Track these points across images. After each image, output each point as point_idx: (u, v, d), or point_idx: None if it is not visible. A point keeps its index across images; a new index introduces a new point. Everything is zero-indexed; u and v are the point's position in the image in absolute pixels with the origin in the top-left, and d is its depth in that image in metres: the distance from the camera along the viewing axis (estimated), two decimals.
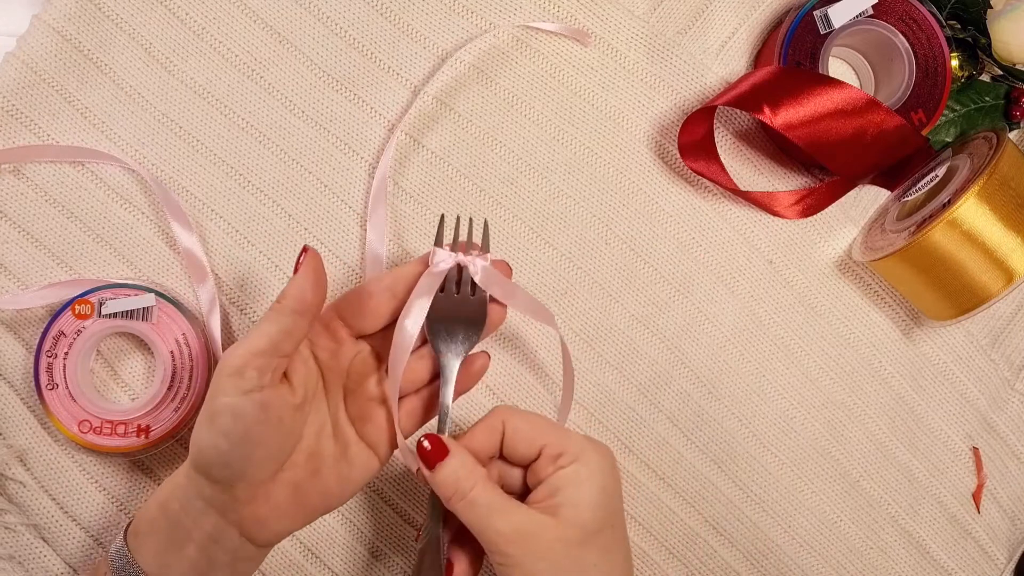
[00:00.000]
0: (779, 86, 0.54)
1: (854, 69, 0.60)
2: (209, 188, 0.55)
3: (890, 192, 0.59)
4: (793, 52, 0.55)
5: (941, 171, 0.55)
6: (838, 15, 0.55)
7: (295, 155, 0.56)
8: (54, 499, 0.52)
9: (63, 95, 0.55)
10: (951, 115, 0.60)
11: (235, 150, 0.56)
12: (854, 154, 0.55)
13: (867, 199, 0.60)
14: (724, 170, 0.58)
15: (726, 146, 0.59)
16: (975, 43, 0.59)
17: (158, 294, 0.52)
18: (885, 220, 0.57)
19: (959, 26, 0.59)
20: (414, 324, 0.44)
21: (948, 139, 0.59)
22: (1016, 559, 0.60)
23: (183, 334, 0.52)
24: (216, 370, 0.40)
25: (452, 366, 0.45)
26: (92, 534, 0.53)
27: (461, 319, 0.46)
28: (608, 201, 0.58)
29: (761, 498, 0.58)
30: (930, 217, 0.52)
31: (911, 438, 0.59)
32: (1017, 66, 0.60)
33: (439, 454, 0.42)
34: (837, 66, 0.60)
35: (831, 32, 0.55)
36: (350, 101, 0.57)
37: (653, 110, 0.59)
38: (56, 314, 0.51)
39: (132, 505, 0.53)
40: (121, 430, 0.51)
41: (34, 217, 0.54)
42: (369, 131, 0.57)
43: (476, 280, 0.46)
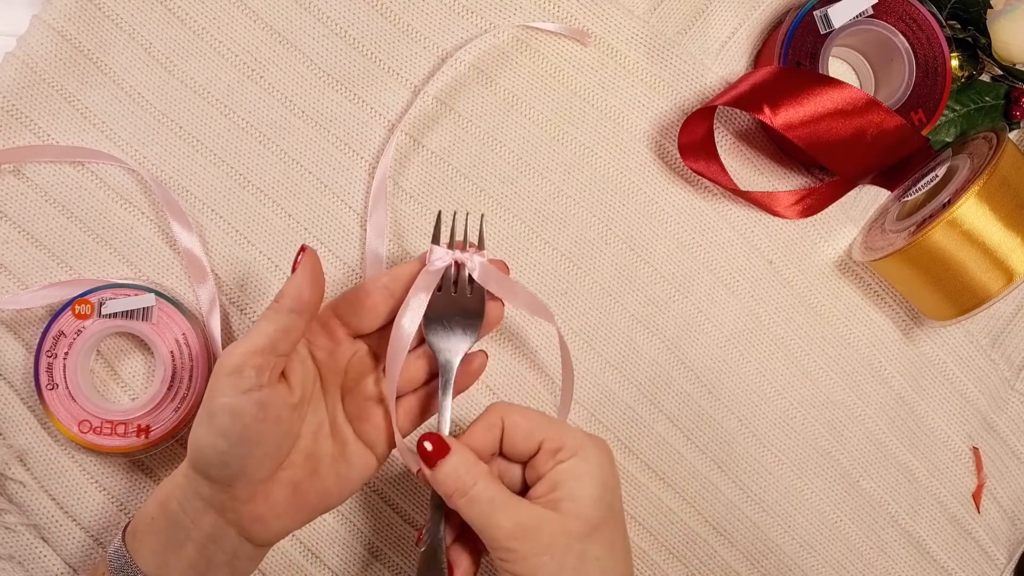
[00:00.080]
0: (779, 86, 0.54)
1: (854, 69, 0.60)
2: (209, 188, 0.55)
3: (890, 192, 0.59)
4: (793, 52, 0.55)
5: (941, 171, 0.55)
6: (838, 15, 0.55)
7: (295, 155, 0.56)
8: (54, 499, 0.52)
9: (63, 95, 0.55)
10: (951, 115, 0.59)
11: (235, 150, 0.56)
12: (854, 154, 0.55)
13: (867, 199, 0.60)
14: (724, 170, 0.58)
15: (726, 146, 0.59)
16: (975, 43, 0.59)
17: (158, 294, 0.52)
18: (885, 220, 0.57)
19: (959, 26, 0.59)
20: (411, 322, 0.44)
21: (948, 139, 0.59)
22: (1016, 559, 0.60)
23: (183, 334, 0.52)
24: (214, 369, 0.40)
25: (451, 365, 0.45)
26: (92, 534, 0.53)
27: (459, 318, 0.46)
28: (608, 201, 0.58)
29: (761, 498, 0.58)
30: (930, 217, 0.52)
31: (911, 438, 0.59)
32: (1017, 66, 0.60)
33: (440, 452, 0.42)
34: (837, 66, 0.60)
35: (831, 32, 0.55)
36: (350, 101, 0.57)
37: (653, 110, 0.59)
38: (56, 314, 0.51)
39: (132, 505, 0.53)
40: (121, 430, 0.51)
41: (34, 217, 0.54)
42: (369, 131, 0.57)
43: (474, 276, 0.46)
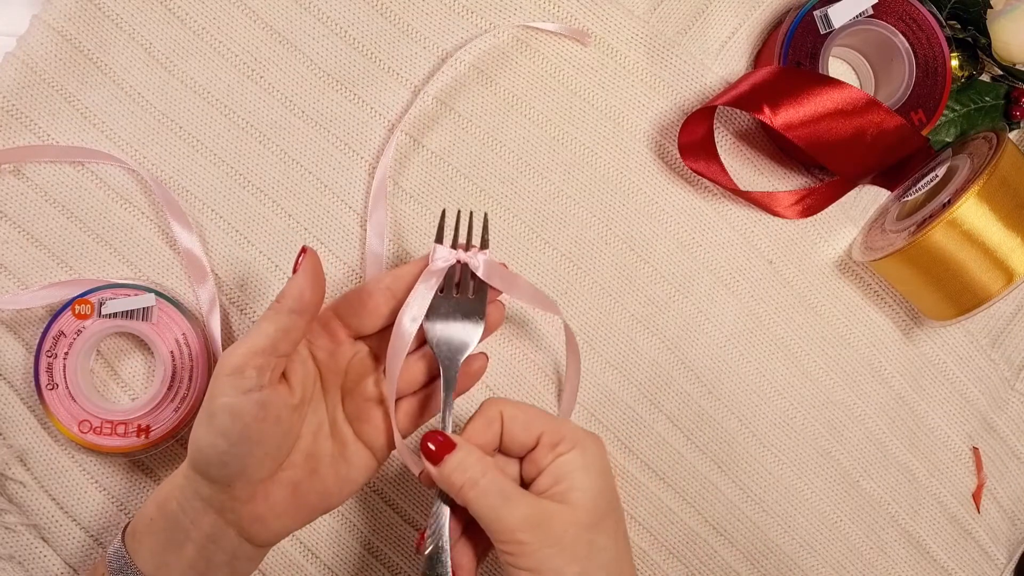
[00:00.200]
0: (779, 86, 0.54)
1: (854, 69, 0.60)
2: (209, 188, 0.55)
3: (890, 192, 0.59)
4: (793, 52, 0.55)
5: (941, 171, 0.55)
6: (838, 15, 0.55)
7: (295, 155, 0.56)
8: (54, 499, 0.52)
9: (63, 95, 0.55)
10: (951, 115, 0.59)
11: (235, 150, 0.56)
12: (854, 154, 0.55)
13: (867, 199, 0.60)
14: (724, 170, 0.58)
15: (726, 146, 0.59)
16: (975, 43, 0.59)
17: (158, 294, 0.52)
18: (885, 220, 0.57)
19: (959, 26, 0.59)
20: (412, 321, 0.45)
21: (948, 139, 0.59)
22: (1016, 559, 0.60)
23: (183, 334, 0.52)
24: (215, 370, 0.41)
25: (452, 367, 0.45)
26: (92, 534, 0.53)
27: (461, 318, 0.46)
28: (608, 201, 0.58)
29: (761, 498, 0.58)
30: (930, 217, 0.52)
31: (911, 438, 0.59)
32: (1017, 66, 0.60)
33: (445, 448, 0.41)
34: (837, 66, 0.60)
35: (831, 32, 0.55)
36: (350, 101, 0.57)
37: (653, 110, 0.59)
38: (56, 314, 0.51)
39: (132, 505, 0.53)
40: (121, 430, 0.51)
41: (34, 217, 0.54)
42: (369, 131, 0.57)
43: (478, 274, 0.46)
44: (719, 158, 0.58)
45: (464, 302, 0.46)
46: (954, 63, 0.59)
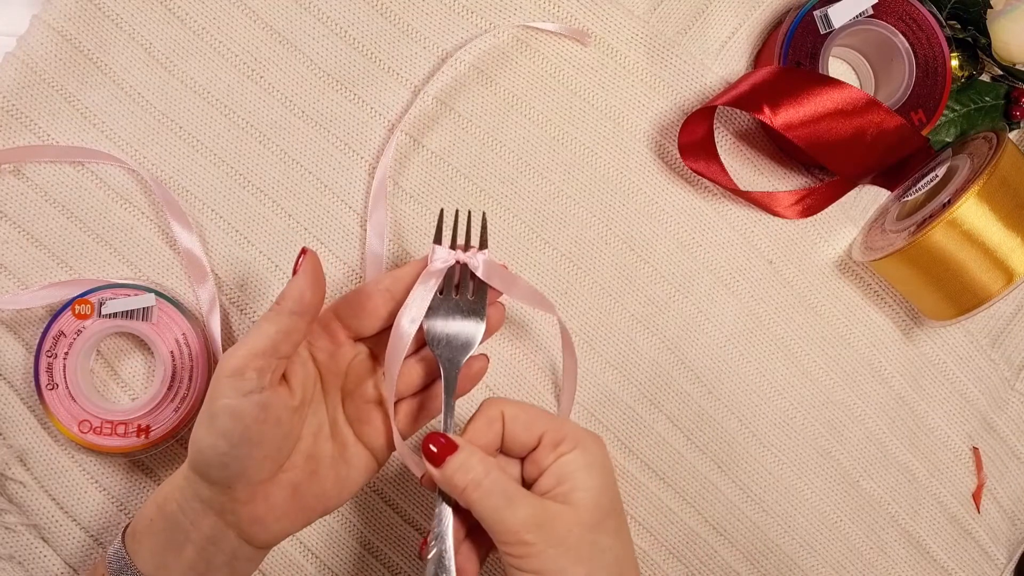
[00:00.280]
0: (779, 86, 0.54)
1: (854, 69, 0.60)
2: (209, 188, 0.55)
3: (890, 192, 0.59)
4: (793, 52, 0.55)
5: (941, 171, 0.55)
6: (838, 15, 0.55)
7: (295, 155, 0.56)
8: (54, 499, 0.52)
9: (63, 95, 0.55)
10: (951, 115, 0.59)
11: (235, 150, 0.56)
12: (854, 154, 0.55)
13: (867, 199, 0.60)
14: (724, 170, 0.58)
15: (726, 146, 0.59)
16: (975, 43, 0.59)
17: (158, 294, 0.52)
18: (885, 220, 0.57)
19: (959, 26, 0.59)
20: (411, 323, 0.44)
21: (948, 139, 0.59)
22: (1016, 559, 0.60)
23: (183, 334, 0.52)
24: (215, 372, 0.40)
25: (453, 369, 0.45)
26: (92, 534, 0.53)
27: (461, 320, 0.46)
28: (608, 201, 0.58)
29: (761, 498, 0.58)
30: (930, 217, 0.52)
31: (911, 438, 0.59)
32: (1017, 66, 0.60)
33: (448, 449, 0.41)
34: (837, 66, 0.60)
35: (831, 32, 0.55)
36: (350, 101, 0.57)
37: (653, 110, 0.59)
38: (56, 314, 0.51)
39: (132, 505, 0.53)
40: (121, 430, 0.51)
41: (34, 217, 0.54)
42: (369, 131, 0.57)
43: (478, 274, 0.46)
44: (719, 158, 0.58)
45: (464, 303, 0.46)
46: (954, 63, 0.59)
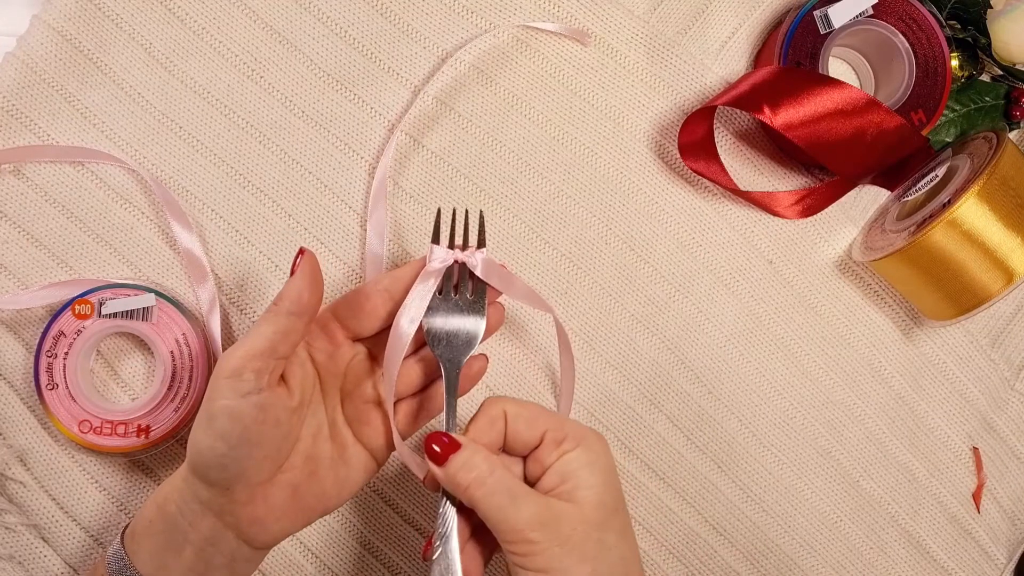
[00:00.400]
0: (779, 86, 0.54)
1: (854, 69, 0.60)
2: (209, 188, 0.55)
3: (890, 192, 0.59)
4: (793, 52, 0.55)
5: (941, 171, 0.55)
6: (838, 15, 0.55)
7: (295, 155, 0.56)
8: (54, 499, 0.52)
9: (63, 95, 0.55)
10: (951, 115, 0.59)
11: (235, 150, 0.56)
12: (854, 154, 0.55)
13: (867, 199, 0.60)
14: (724, 170, 0.58)
15: (726, 146, 0.59)
16: (975, 43, 0.59)
17: (158, 294, 0.52)
18: (885, 220, 0.57)
19: (959, 26, 0.59)
20: (410, 323, 0.44)
21: (948, 139, 0.59)
22: (1016, 559, 0.60)
23: (183, 334, 0.52)
24: (213, 373, 0.40)
25: (453, 369, 0.45)
26: (92, 534, 0.53)
27: (461, 319, 0.46)
28: (608, 201, 0.58)
29: (761, 498, 0.58)
30: (930, 217, 0.52)
31: (911, 438, 0.59)
32: (1017, 66, 0.60)
33: (450, 449, 0.40)
34: (837, 66, 0.60)
35: (831, 32, 0.55)
36: (350, 101, 0.57)
37: (653, 110, 0.59)
38: (56, 314, 0.51)
39: (132, 505, 0.53)
40: (121, 430, 0.51)
41: (34, 217, 0.54)
42: (369, 131, 0.57)
43: (477, 273, 0.46)
44: (719, 158, 0.58)
45: (464, 302, 0.46)
46: (954, 63, 0.59)
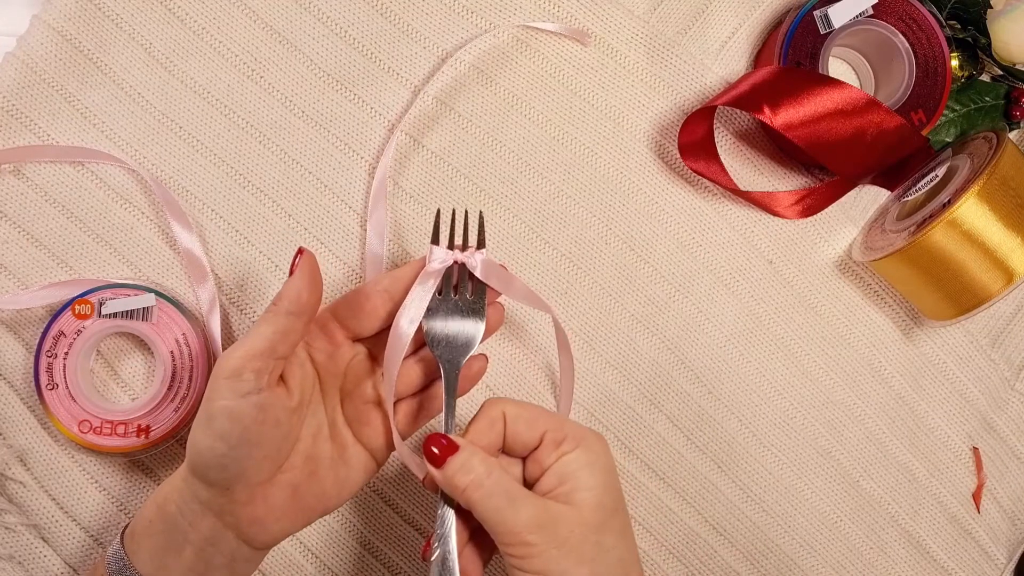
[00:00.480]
0: (779, 86, 0.54)
1: (854, 69, 0.60)
2: (209, 188, 0.55)
3: (890, 192, 0.59)
4: (793, 52, 0.55)
5: (941, 171, 0.55)
6: (838, 15, 0.55)
7: (295, 155, 0.56)
8: (54, 499, 0.52)
9: (63, 95, 0.55)
10: (951, 115, 0.59)
11: (235, 150, 0.56)
12: (854, 154, 0.55)
13: (867, 199, 0.60)
14: (724, 170, 0.58)
15: (726, 146, 0.59)
16: (975, 43, 0.59)
17: (158, 294, 0.52)
18: (885, 220, 0.57)
19: (959, 26, 0.59)
20: (410, 323, 0.44)
21: (948, 139, 0.59)
22: (1016, 559, 0.60)
23: (183, 334, 0.52)
24: (213, 373, 0.40)
25: (453, 369, 0.45)
26: (92, 534, 0.53)
27: (461, 320, 0.46)
28: (608, 201, 0.58)
29: (761, 498, 0.58)
30: (930, 217, 0.52)
31: (911, 438, 0.59)
32: (1017, 66, 0.60)
33: (448, 451, 0.40)
34: (837, 66, 0.60)
35: (831, 32, 0.55)
36: (350, 101, 0.57)
37: (653, 110, 0.59)
38: (56, 314, 0.51)
39: (132, 505, 0.53)
40: (121, 430, 0.51)
41: (34, 217, 0.54)
42: (369, 131, 0.57)
43: (476, 273, 0.46)
44: (719, 158, 0.58)
45: (464, 303, 0.46)
46: (954, 63, 0.59)
